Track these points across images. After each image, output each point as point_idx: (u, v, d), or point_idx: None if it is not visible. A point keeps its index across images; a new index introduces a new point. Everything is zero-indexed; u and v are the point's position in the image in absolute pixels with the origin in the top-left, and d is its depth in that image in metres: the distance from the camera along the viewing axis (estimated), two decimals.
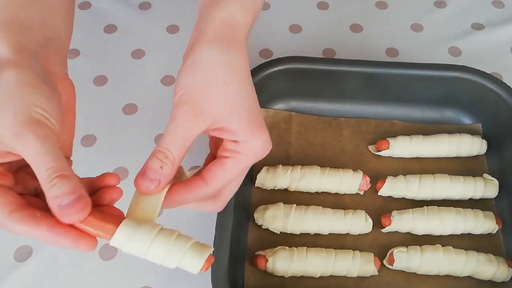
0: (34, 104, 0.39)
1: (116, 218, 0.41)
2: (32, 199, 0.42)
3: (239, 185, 0.51)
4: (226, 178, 0.47)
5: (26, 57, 0.41)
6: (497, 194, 0.66)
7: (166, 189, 0.45)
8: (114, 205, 0.44)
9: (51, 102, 0.40)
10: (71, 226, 0.39)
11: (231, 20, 0.48)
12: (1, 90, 0.39)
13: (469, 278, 0.61)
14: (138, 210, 0.43)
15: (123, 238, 0.40)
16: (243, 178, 0.51)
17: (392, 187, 0.65)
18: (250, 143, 0.47)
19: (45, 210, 0.40)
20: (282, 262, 0.59)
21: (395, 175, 0.66)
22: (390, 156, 0.69)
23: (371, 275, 0.60)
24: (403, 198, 0.66)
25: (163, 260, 0.41)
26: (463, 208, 0.63)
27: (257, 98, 0.49)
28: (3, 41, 0.41)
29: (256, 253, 0.60)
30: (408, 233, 0.63)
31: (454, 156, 0.69)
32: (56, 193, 0.38)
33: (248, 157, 0.47)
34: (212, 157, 0.50)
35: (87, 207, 0.39)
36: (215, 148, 0.51)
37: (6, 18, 0.43)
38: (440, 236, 0.63)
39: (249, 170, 0.66)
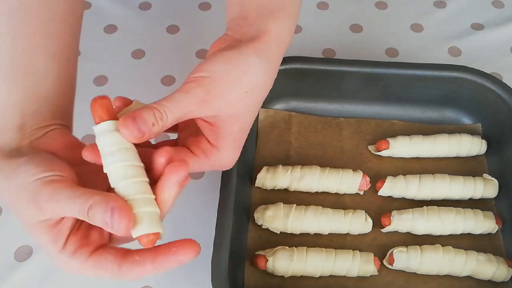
0: (30, 173, 0.41)
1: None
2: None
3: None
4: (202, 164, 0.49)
5: (7, 131, 0.44)
6: (496, 194, 0.66)
7: None
8: None
9: (49, 158, 0.43)
10: (159, 248, 0.41)
11: (280, 40, 0.50)
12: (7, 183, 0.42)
13: (469, 278, 0.61)
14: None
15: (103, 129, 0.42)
16: None
17: (392, 187, 0.65)
18: (222, 155, 0.48)
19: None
20: (282, 262, 0.59)
21: (395, 175, 0.66)
22: (390, 156, 0.69)
23: (371, 275, 0.60)
24: (403, 198, 0.66)
25: (116, 187, 0.41)
26: (463, 208, 0.63)
27: (253, 121, 0.50)
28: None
29: (256, 253, 0.61)
30: (408, 233, 0.63)
31: (454, 156, 0.69)
32: (100, 222, 0.39)
33: (210, 165, 0.48)
34: (185, 124, 0.50)
35: (130, 215, 0.40)
36: (183, 131, 0.51)
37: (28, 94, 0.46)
38: (440, 236, 0.63)
39: (249, 170, 0.67)
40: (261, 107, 0.68)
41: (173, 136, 0.52)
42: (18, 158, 0.43)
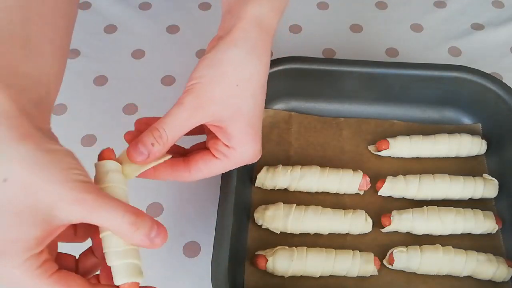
0: (68, 168, 0.38)
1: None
2: None
3: None
4: (208, 174, 0.50)
5: (29, 122, 0.40)
6: (496, 194, 0.66)
7: (152, 164, 0.47)
8: None
9: (75, 159, 0.40)
10: None
11: (260, 22, 0.48)
12: (31, 165, 0.38)
13: (469, 278, 0.61)
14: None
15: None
16: None
17: (392, 187, 0.65)
18: (241, 152, 0.49)
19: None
20: (282, 262, 0.59)
21: (395, 175, 0.66)
22: (390, 156, 0.69)
23: (371, 275, 0.60)
24: (403, 198, 0.66)
25: (103, 236, 0.41)
26: (463, 208, 0.63)
27: (263, 108, 0.50)
28: (8, 100, 0.39)
29: (256, 253, 0.61)
30: (408, 233, 0.63)
31: (454, 156, 0.69)
32: (145, 231, 0.39)
33: (234, 163, 0.50)
34: (203, 143, 0.52)
35: (165, 228, 0.41)
36: (209, 134, 0.52)
37: (6, 70, 0.41)
38: (440, 236, 0.63)
39: (249, 170, 0.67)
40: None
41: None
42: (54, 145, 0.40)
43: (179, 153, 0.52)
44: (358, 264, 0.59)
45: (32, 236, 0.37)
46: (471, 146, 0.68)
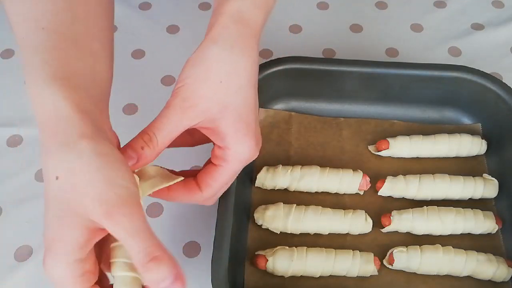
0: (116, 177, 0.39)
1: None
2: None
3: (230, 184, 0.53)
4: (218, 186, 0.50)
5: (89, 120, 0.40)
6: (497, 194, 0.66)
7: (164, 184, 0.46)
8: None
9: (125, 166, 0.40)
10: None
11: (240, 17, 0.47)
12: (80, 166, 0.38)
13: (469, 278, 0.61)
14: None
15: None
16: (235, 178, 0.52)
17: (392, 187, 0.65)
18: (235, 151, 0.48)
19: None
20: (282, 262, 0.59)
21: (395, 175, 0.66)
22: (390, 156, 0.69)
23: (371, 275, 0.60)
24: (403, 198, 0.66)
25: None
26: (463, 208, 0.63)
27: (256, 102, 0.49)
28: (67, 102, 0.40)
29: (256, 253, 0.61)
30: (408, 233, 0.63)
31: (454, 156, 0.69)
32: (153, 279, 0.37)
33: (235, 165, 0.49)
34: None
35: (184, 283, 0.38)
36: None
37: (61, 71, 0.42)
38: (440, 236, 0.63)
39: (249, 170, 0.67)
40: (261, 107, 0.68)
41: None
42: (109, 148, 0.40)
43: (193, 176, 0.52)
44: (358, 264, 0.59)
45: (74, 238, 0.38)
46: (471, 146, 0.68)
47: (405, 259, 0.60)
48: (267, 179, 0.65)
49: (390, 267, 0.61)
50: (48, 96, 0.40)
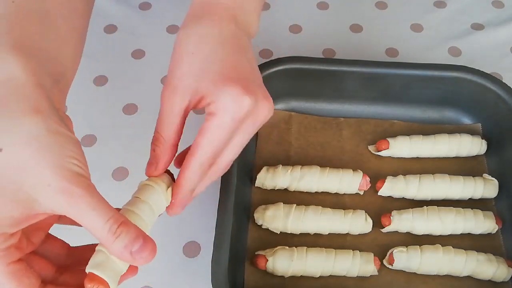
0: (68, 155, 0.37)
1: None
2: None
3: (236, 151, 0.48)
4: (210, 144, 0.45)
5: (45, 97, 0.38)
6: (496, 194, 0.66)
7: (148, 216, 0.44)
8: None
9: (79, 149, 0.38)
10: None
11: (208, 1, 0.49)
12: (32, 141, 0.36)
13: (469, 278, 0.61)
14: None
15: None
16: (239, 142, 0.47)
17: (392, 187, 0.65)
18: (219, 100, 0.45)
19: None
20: (282, 262, 0.59)
21: (395, 175, 0.66)
22: (390, 156, 0.69)
23: (371, 275, 0.60)
24: (403, 198, 0.66)
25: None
26: (463, 208, 0.63)
27: (235, 60, 0.47)
28: (26, 72, 0.38)
29: (256, 253, 0.61)
30: (408, 233, 0.63)
31: (454, 156, 0.69)
32: (125, 242, 0.37)
33: (222, 116, 0.45)
34: None
35: (155, 246, 0.39)
36: None
37: (24, 43, 0.40)
38: (440, 236, 0.63)
39: (249, 170, 0.67)
40: None
41: None
42: (62, 127, 0.38)
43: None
44: (358, 264, 0.59)
45: (9, 214, 0.36)
46: (471, 146, 0.68)
47: (405, 259, 0.60)
48: (267, 179, 0.65)
49: (390, 267, 0.61)
50: (5, 63, 0.38)
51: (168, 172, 0.48)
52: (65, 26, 0.45)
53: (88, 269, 0.38)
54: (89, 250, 0.41)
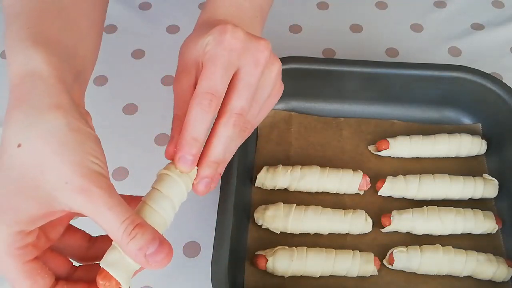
0: (88, 153, 0.36)
1: None
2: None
3: (244, 96, 0.44)
4: (206, 84, 0.42)
5: (66, 92, 0.38)
6: (496, 194, 0.66)
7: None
8: None
9: (99, 147, 0.38)
10: None
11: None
12: (51, 138, 0.36)
13: (469, 278, 0.61)
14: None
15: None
16: (253, 84, 0.44)
17: (392, 187, 0.65)
18: (209, 37, 0.44)
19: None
20: (282, 262, 0.59)
21: (395, 175, 0.66)
22: (390, 156, 0.69)
23: (371, 275, 0.60)
24: (403, 198, 0.66)
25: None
26: (463, 208, 0.63)
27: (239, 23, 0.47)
28: (49, 67, 0.38)
29: (256, 253, 0.61)
30: (408, 233, 0.63)
31: (454, 156, 0.69)
32: (140, 244, 0.36)
33: (210, 48, 0.43)
34: None
35: (171, 250, 0.38)
36: None
37: (45, 37, 0.40)
38: (440, 236, 0.63)
39: (249, 170, 0.67)
40: None
41: None
42: (83, 124, 0.37)
43: None
44: (358, 264, 0.59)
45: (27, 210, 0.36)
46: (471, 146, 0.68)
47: (405, 259, 0.60)
48: (267, 179, 0.65)
49: (390, 267, 0.61)
50: (27, 56, 0.38)
51: None
52: (84, 21, 0.45)
53: (102, 264, 0.38)
54: (111, 240, 0.40)
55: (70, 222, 0.42)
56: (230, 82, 0.43)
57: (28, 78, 0.37)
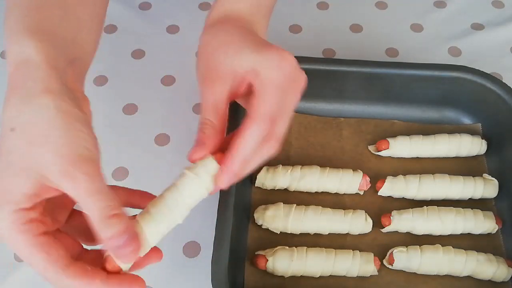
0: (76, 136, 0.37)
1: None
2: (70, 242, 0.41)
3: (289, 117, 0.48)
4: (266, 103, 0.45)
5: (58, 78, 0.39)
6: (496, 194, 0.66)
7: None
8: None
9: (88, 129, 0.39)
10: (121, 274, 0.40)
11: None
12: (41, 120, 0.37)
13: (469, 278, 0.61)
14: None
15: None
16: (290, 109, 0.48)
17: (392, 187, 0.65)
18: (265, 62, 0.45)
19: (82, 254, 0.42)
20: (282, 262, 0.59)
21: (395, 175, 0.66)
22: (390, 156, 0.69)
23: (371, 275, 0.60)
24: (403, 198, 0.66)
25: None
26: (463, 208, 0.63)
27: (252, 35, 0.49)
28: (40, 55, 0.39)
29: (256, 253, 0.61)
30: (408, 233, 0.63)
31: (454, 156, 0.69)
32: (110, 234, 0.37)
33: (270, 72, 0.45)
34: None
35: (139, 247, 0.39)
36: None
37: (41, 26, 0.41)
38: (440, 236, 0.63)
39: None
40: None
41: None
42: (72, 107, 0.39)
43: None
44: (358, 264, 0.59)
45: (21, 190, 0.37)
46: (471, 146, 0.68)
47: (405, 259, 0.60)
48: (267, 179, 0.65)
49: (390, 267, 0.61)
50: (22, 46, 0.39)
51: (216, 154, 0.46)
52: (84, 12, 0.46)
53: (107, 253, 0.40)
54: None
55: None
56: None
57: (22, 65, 0.39)
